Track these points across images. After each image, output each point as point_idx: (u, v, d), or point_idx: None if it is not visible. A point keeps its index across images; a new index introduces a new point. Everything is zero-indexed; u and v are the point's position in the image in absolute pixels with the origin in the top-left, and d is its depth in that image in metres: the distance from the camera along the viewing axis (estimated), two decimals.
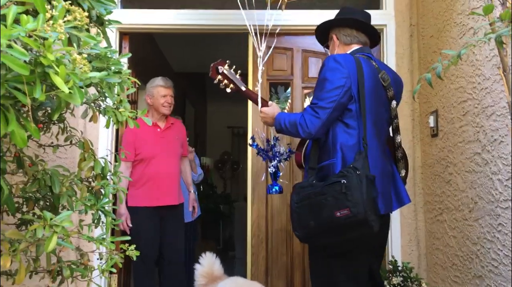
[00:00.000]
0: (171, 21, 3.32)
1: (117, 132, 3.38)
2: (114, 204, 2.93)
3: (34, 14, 1.00)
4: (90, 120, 1.46)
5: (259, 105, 2.18)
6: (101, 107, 1.43)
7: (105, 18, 1.45)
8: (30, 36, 0.90)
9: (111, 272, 1.51)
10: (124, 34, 3.41)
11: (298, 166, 2.17)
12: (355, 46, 2.06)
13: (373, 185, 1.70)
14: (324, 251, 1.88)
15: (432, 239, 2.91)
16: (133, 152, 3.11)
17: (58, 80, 0.90)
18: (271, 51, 2.30)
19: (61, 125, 1.61)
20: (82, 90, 1.01)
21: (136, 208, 3.08)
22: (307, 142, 2.07)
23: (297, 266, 3.23)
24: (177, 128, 3.39)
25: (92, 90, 1.40)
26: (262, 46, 2.32)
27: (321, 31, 2.19)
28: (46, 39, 0.90)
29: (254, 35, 2.35)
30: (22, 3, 1.00)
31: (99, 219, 1.52)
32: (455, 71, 2.52)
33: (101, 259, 1.55)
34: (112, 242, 1.48)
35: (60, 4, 1.00)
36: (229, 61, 2.26)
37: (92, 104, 1.43)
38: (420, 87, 1.40)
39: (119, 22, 1.53)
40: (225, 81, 2.24)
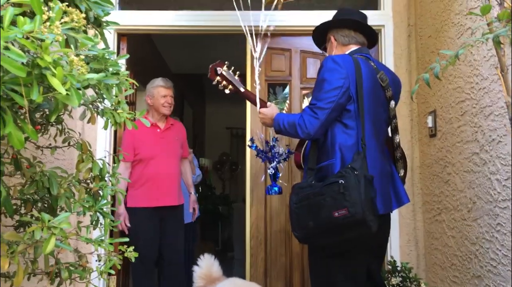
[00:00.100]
0: (169, 22, 3.32)
1: (115, 133, 3.37)
2: (112, 205, 2.93)
3: (31, 15, 1.00)
4: (88, 122, 1.46)
5: (258, 106, 2.18)
6: (99, 109, 1.43)
7: (102, 20, 1.45)
8: (27, 38, 0.90)
9: (109, 273, 1.51)
10: (122, 36, 3.41)
11: (297, 167, 2.17)
12: (353, 47, 2.07)
13: (371, 185, 1.70)
14: (322, 252, 1.88)
15: (431, 239, 2.91)
16: (133, 152, 3.10)
17: (55, 82, 0.90)
18: (265, 51, 2.29)
19: (59, 127, 1.61)
20: (79, 92, 1.00)
21: (135, 208, 3.07)
22: (306, 142, 2.07)
23: (296, 267, 3.23)
24: (177, 129, 3.38)
25: (90, 92, 1.40)
26: (258, 47, 2.32)
27: (318, 33, 2.20)
28: (43, 40, 0.90)
29: (249, 36, 2.35)
30: (19, 5, 1.00)
31: (97, 220, 1.51)
32: (453, 71, 2.52)
33: (99, 260, 1.54)
34: (111, 244, 1.47)
35: (57, 5, 1.00)
36: (227, 62, 2.26)
37: (90, 106, 1.43)
38: (418, 87, 1.40)
39: (117, 24, 1.53)
40: (224, 82, 2.24)
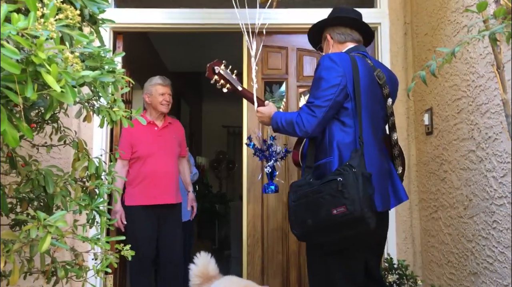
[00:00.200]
0: (165, 20, 3.31)
1: (112, 131, 3.36)
2: (109, 204, 2.91)
3: (26, 12, 0.99)
4: (84, 120, 1.45)
5: (255, 104, 2.18)
6: (95, 107, 1.42)
7: (98, 17, 1.44)
8: (21, 35, 0.89)
9: (106, 272, 1.51)
10: (118, 34, 3.39)
11: (295, 165, 2.18)
12: (350, 44, 2.07)
13: (369, 183, 1.70)
14: (321, 249, 1.88)
15: (427, 237, 2.92)
16: (130, 150, 3.09)
17: (50, 79, 0.89)
18: (261, 49, 2.29)
19: (55, 125, 1.61)
20: (74, 89, 1.00)
21: (133, 207, 3.07)
22: (304, 140, 2.07)
23: (292, 265, 3.23)
24: (175, 127, 3.38)
25: (86, 90, 1.39)
26: (254, 45, 2.31)
27: (314, 32, 2.20)
28: (38, 37, 0.89)
29: (246, 34, 2.34)
30: (13, 2, 0.99)
31: (93, 219, 1.51)
32: (449, 69, 2.53)
33: (96, 259, 1.54)
34: (107, 242, 1.47)
35: (52, 2, 0.99)
36: (225, 61, 2.26)
37: (86, 104, 1.42)
38: (414, 85, 1.40)
39: (113, 21, 1.53)
40: (222, 81, 2.23)
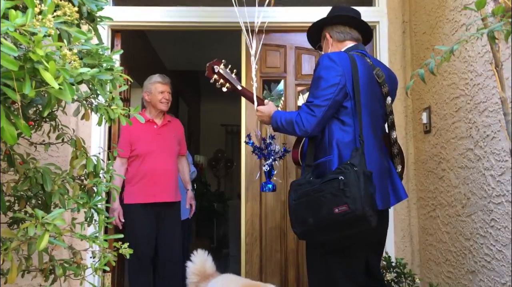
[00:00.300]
0: (163, 18, 3.30)
1: (110, 130, 3.36)
2: (107, 202, 2.91)
3: (23, 9, 0.99)
4: (82, 118, 1.45)
5: (255, 103, 2.18)
6: (93, 105, 1.42)
7: (96, 15, 1.44)
8: (19, 31, 0.89)
9: (104, 270, 1.51)
10: (116, 32, 3.38)
11: (295, 164, 2.18)
12: (349, 43, 2.07)
13: (370, 181, 1.71)
14: (322, 248, 1.88)
15: (425, 235, 2.92)
16: (129, 148, 3.09)
17: (47, 76, 0.89)
18: (260, 47, 2.29)
19: (53, 123, 1.60)
20: (72, 87, 1.00)
21: (132, 205, 3.06)
22: (303, 140, 2.08)
23: (291, 263, 3.24)
24: (175, 126, 3.37)
25: (84, 88, 1.39)
26: (254, 44, 2.31)
27: (313, 31, 2.20)
28: (36, 34, 0.89)
29: (245, 33, 2.34)
30: None
31: (91, 217, 1.51)
32: (448, 67, 2.53)
33: (94, 257, 1.54)
34: (105, 240, 1.47)
35: None
36: (224, 61, 2.26)
37: (84, 102, 1.42)
38: (413, 83, 1.40)
39: (111, 19, 1.52)
40: (221, 81, 2.23)
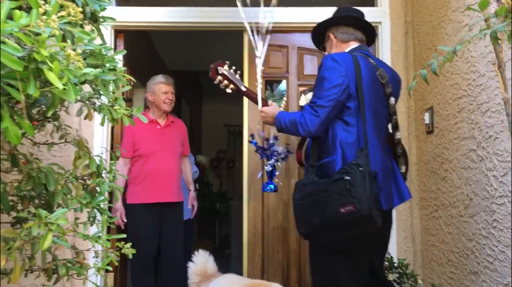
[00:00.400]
0: (166, 19, 3.31)
1: (113, 130, 3.36)
2: (109, 202, 2.92)
3: (28, 10, 0.99)
4: (85, 118, 1.46)
5: (259, 104, 2.19)
6: (96, 105, 1.42)
7: (99, 15, 1.44)
8: (23, 32, 0.89)
9: (107, 270, 1.51)
10: (119, 32, 3.39)
11: (299, 164, 2.20)
12: (353, 44, 2.08)
13: (375, 181, 1.72)
14: (327, 248, 1.88)
15: (428, 236, 2.92)
16: (132, 148, 3.10)
17: (52, 76, 0.89)
18: (266, 48, 2.31)
19: (56, 123, 1.61)
20: (76, 87, 1.00)
21: (135, 205, 3.07)
22: (307, 140, 2.08)
23: (293, 264, 3.24)
24: (178, 126, 3.38)
25: (87, 88, 1.39)
26: (260, 45, 2.31)
27: (318, 32, 2.20)
28: (40, 34, 0.89)
29: (251, 34, 2.35)
30: None
31: (94, 217, 1.51)
32: (450, 68, 2.53)
33: (96, 257, 1.54)
34: (108, 240, 1.47)
35: None
36: (228, 62, 2.26)
37: (87, 102, 1.43)
38: (415, 83, 1.40)
39: (114, 19, 1.52)
40: (225, 82, 2.24)
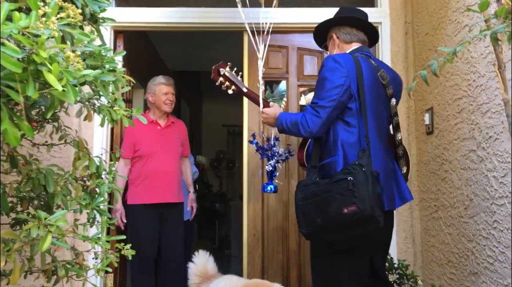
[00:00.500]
0: (166, 19, 3.31)
1: (112, 131, 3.36)
2: (109, 203, 2.92)
3: (27, 11, 0.99)
4: (84, 119, 1.45)
5: (261, 105, 2.20)
6: (96, 106, 1.42)
7: (99, 16, 1.44)
8: (22, 33, 0.89)
9: (106, 271, 1.51)
10: (118, 33, 3.39)
11: (300, 165, 2.20)
12: (355, 45, 2.08)
13: (378, 182, 1.72)
14: (329, 248, 1.88)
15: (428, 237, 2.92)
16: (133, 149, 3.10)
17: (51, 78, 0.89)
18: (267, 49, 2.31)
19: (55, 124, 1.60)
20: (76, 88, 1.00)
21: (135, 205, 3.07)
22: (309, 141, 2.09)
23: (293, 264, 3.24)
24: (178, 127, 3.38)
25: (87, 89, 1.39)
26: (261, 45, 2.31)
27: (320, 31, 2.20)
28: (39, 36, 0.89)
29: (251, 34, 2.35)
30: (15, 0, 0.99)
31: (94, 218, 1.51)
32: (450, 68, 2.52)
33: (96, 258, 1.54)
34: (108, 241, 1.47)
35: (53, 1, 0.99)
36: (230, 63, 2.27)
37: (87, 103, 1.42)
38: (415, 84, 1.40)
39: (113, 20, 1.52)
40: (227, 83, 2.25)
